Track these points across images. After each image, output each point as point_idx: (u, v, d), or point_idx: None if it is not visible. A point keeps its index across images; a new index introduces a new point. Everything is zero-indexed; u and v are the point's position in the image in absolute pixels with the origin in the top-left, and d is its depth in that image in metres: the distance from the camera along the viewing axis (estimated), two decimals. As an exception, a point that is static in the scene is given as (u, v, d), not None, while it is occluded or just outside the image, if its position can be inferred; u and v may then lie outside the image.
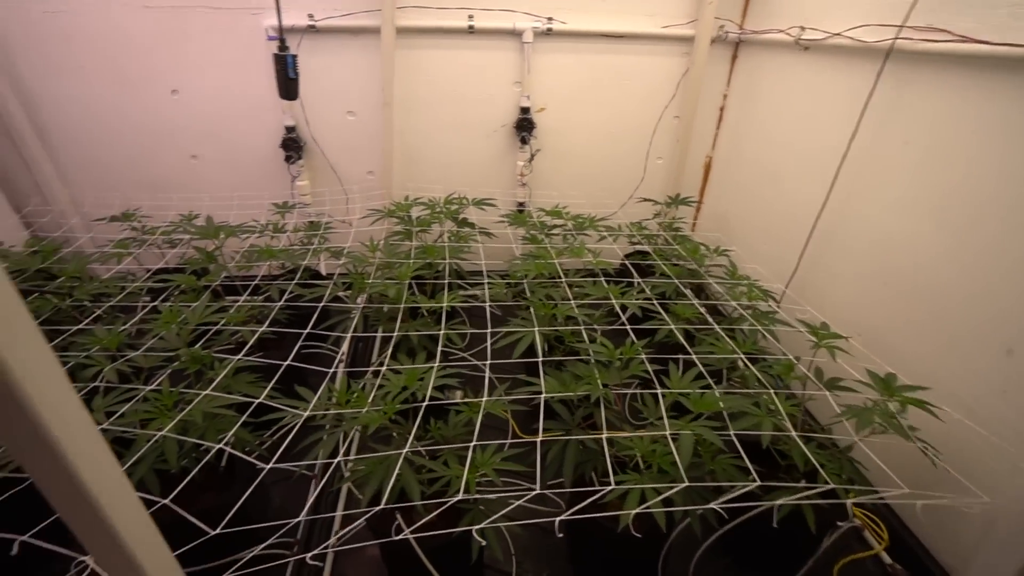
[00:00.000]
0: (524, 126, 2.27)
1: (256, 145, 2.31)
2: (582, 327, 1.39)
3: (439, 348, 1.33)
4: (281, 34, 1.83)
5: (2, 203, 2.20)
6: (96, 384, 1.13)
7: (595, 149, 2.42)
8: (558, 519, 0.88)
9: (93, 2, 2.00)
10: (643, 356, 1.28)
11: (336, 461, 1.09)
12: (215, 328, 1.37)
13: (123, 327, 1.33)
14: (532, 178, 2.43)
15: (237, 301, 1.57)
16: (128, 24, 2.05)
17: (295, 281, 1.62)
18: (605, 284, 1.61)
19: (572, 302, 1.50)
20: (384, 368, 1.20)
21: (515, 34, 2.12)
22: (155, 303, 1.52)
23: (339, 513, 1.44)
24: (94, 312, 1.49)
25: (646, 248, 2.04)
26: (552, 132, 2.34)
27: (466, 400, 1.16)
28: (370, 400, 1.11)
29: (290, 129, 2.24)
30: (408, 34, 2.08)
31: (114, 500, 0.51)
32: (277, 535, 1.09)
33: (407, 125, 2.30)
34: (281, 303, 1.49)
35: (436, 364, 1.21)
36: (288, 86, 1.83)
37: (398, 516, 1.15)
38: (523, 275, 1.63)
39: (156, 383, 1.14)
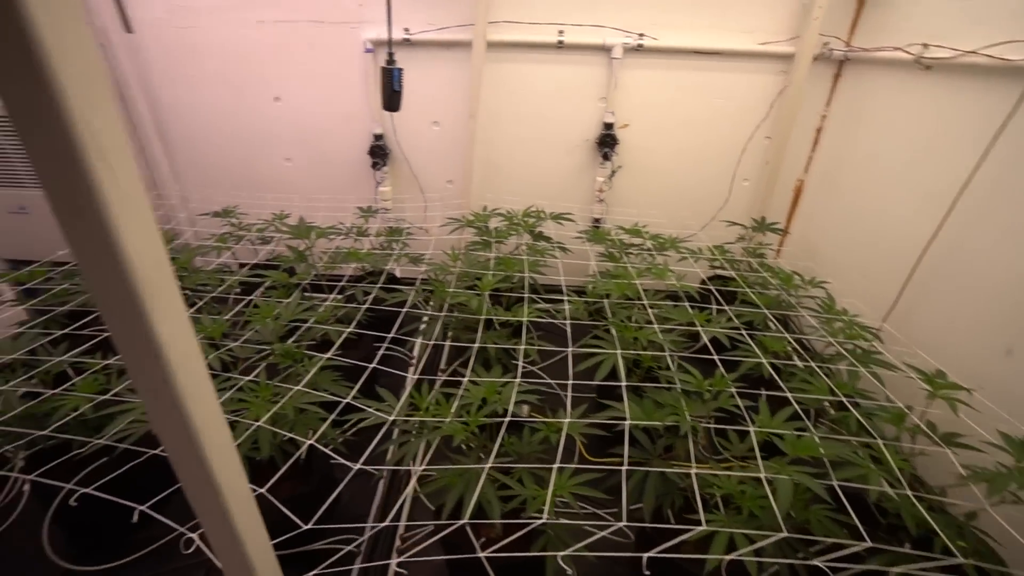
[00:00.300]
0: (607, 142, 2.24)
1: (345, 151, 2.43)
2: (666, 353, 1.34)
3: (515, 362, 1.32)
4: (390, 47, 1.90)
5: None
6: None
7: (678, 168, 2.34)
8: (646, 555, 0.84)
9: (217, 17, 2.18)
10: (733, 389, 1.21)
11: (415, 468, 1.10)
12: (306, 325, 1.43)
13: (225, 317, 1.41)
14: (610, 195, 2.39)
15: (322, 299, 1.64)
16: (242, 36, 2.22)
17: (378, 285, 1.67)
18: (689, 309, 1.55)
19: (655, 326, 1.45)
20: (465, 379, 1.21)
21: (604, 50, 2.11)
22: (250, 297, 1.62)
23: (403, 523, 1.45)
24: (195, 303, 1.61)
25: (728, 273, 1.95)
26: (634, 149, 2.30)
27: (545, 420, 1.14)
28: (452, 411, 1.11)
29: (378, 137, 2.34)
30: (498, 48, 2.12)
31: (230, 479, 0.54)
32: (351, 538, 1.10)
33: (489, 137, 2.33)
34: (367, 305, 1.54)
35: (517, 379, 1.20)
36: (392, 98, 1.90)
37: (468, 530, 1.14)
38: (604, 293, 1.60)
39: (255, 375, 1.20)
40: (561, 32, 2.08)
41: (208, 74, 2.31)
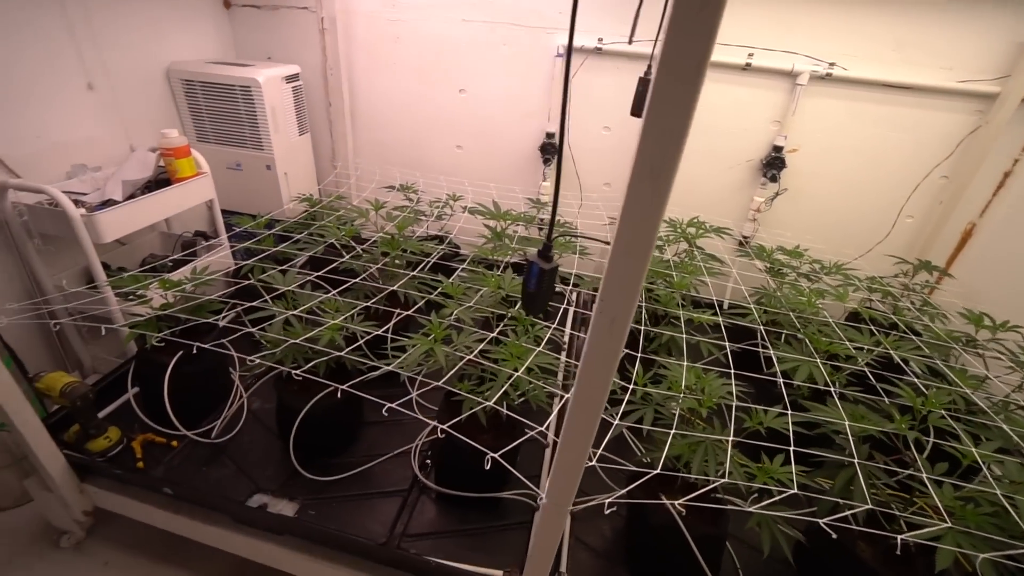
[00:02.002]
0: (775, 164, 2.30)
1: (516, 144, 2.62)
2: (864, 367, 1.41)
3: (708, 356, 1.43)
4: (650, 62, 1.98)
5: (311, 168, 2.75)
6: (452, 323, 1.40)
7: (840, 196, 2.37)
8: (900, 537, 0.92)
9: (425, 13, 2.43)
10: (943, 412, 1.26)
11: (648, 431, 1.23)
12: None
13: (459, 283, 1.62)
14: (764, 216, 2.45)
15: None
16: (443, 32, 2.46)
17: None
18: (875, 331, 1.60)
19: (847, 343, 1.51)
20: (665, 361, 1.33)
21: (790, 75, 2.17)
22: (459, 265, 1.82)
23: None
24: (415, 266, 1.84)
25: (880, 306, 1.97)
26: (799, 173, 2.34)
27: (766, 408, 1.24)
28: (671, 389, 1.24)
29: (549, 135, 2.51)
30: (685, 64, 2.23)
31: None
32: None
33: (655, 146, 2.44)
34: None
35: (732, 370, 1.31)
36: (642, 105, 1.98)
37: (661, 495, 1.25)
38: (789, 307, 1.67)
39: (497, 331, 1.38)
40: (751, 55, 2.17)
41: (404, 63, 2.57)
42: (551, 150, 2.50)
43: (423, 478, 1.61)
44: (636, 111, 1.76)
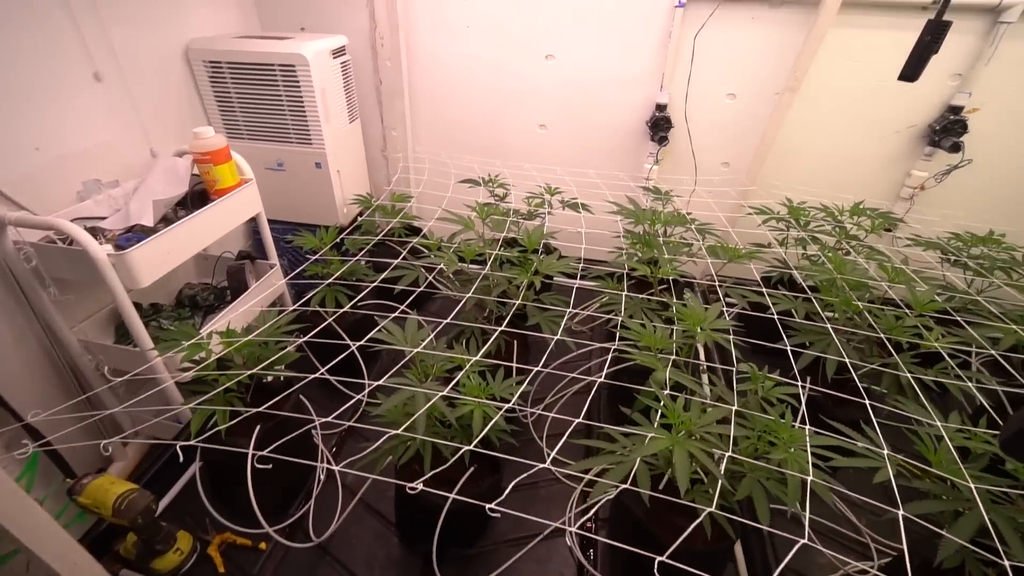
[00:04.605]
0: (953, 129, 1.84)
1: (614, 120, 2.15)
2: None
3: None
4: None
5: (362, 162, 2.28)
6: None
7: (1021, 168, 1.92)
8: None
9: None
10: None
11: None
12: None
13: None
14: (933, 193, 2.00)
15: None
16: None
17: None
18: None
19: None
20: None
21: (992, 11, 1.69)
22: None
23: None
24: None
25: None
26: (984, 139, 1.88)
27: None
28: None
29: (661, 107, 2.04)
30: (852, 8, 1.75)
31: None
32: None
33: (793, 116, 1.98)
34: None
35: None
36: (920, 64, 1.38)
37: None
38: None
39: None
40: (942, -12, 1.69)
41: (476, 25, 2.07)
42: (665, 126, 2.02)
43: (591, 568, 1.25)
44: (913, 71, 1.30)
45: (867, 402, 1.00)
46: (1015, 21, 1.67)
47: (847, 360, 1.14)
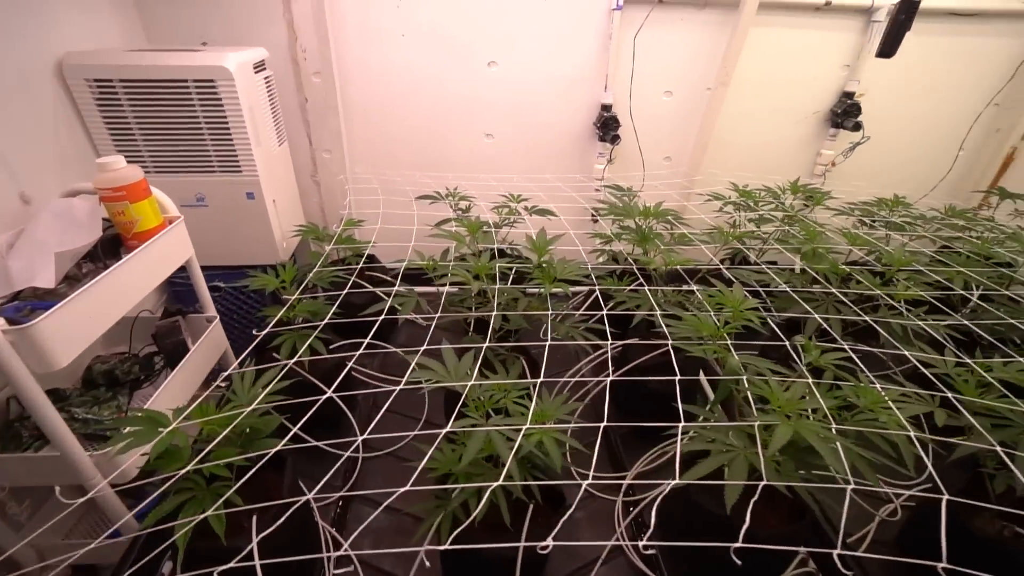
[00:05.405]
0: (850, 112, 2.12)
1: (562, 124, 2.14)
2: None
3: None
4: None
5: (293, 188, 2.01)
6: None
7: (905, 139, 2.28)
8: None
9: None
10: None
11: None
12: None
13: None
14: (841, 168, 2.29)
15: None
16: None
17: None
18: None
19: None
20: None
21: (867, 12, 1.99)
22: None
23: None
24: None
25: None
26: (875, 119, 2.19)
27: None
28: None
29: (607, 107, 2.08)
30: (766, 9, 1.93)
31: None
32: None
33: (723, 109, 2.14)
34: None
35: None
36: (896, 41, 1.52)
37: None
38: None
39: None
40: (832, -9, 1.94)
41: (411, 32, 1.94)
42: (614, 125, 2.06)
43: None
44: (888, 48, 1.42)
45: (908, 352, 1.06)
46: (883, 21, 1.98)
47: (868, 319, 1.21)
